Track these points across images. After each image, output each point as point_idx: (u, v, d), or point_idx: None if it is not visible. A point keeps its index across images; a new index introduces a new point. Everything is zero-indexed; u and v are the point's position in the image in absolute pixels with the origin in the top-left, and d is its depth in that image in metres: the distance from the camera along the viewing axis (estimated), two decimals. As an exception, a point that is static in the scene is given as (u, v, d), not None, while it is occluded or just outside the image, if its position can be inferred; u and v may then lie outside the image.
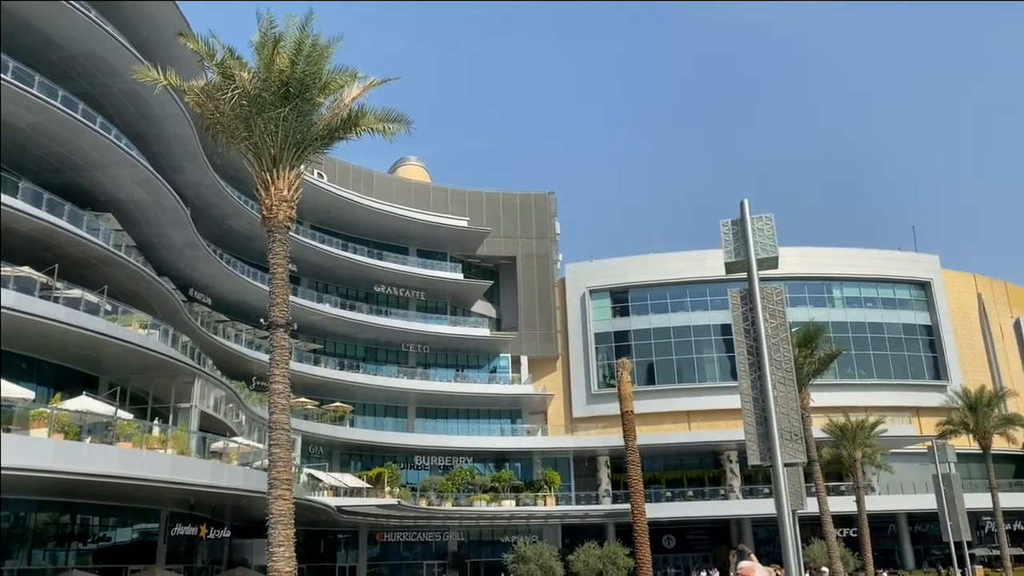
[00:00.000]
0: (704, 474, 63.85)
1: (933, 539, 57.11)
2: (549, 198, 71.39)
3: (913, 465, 57.53)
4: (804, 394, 38.45)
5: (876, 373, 66.67)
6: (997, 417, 52.93)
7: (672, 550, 61.12)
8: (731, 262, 10.73)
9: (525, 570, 40.72)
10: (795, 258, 65.95)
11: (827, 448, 48.11)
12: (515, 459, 64.17)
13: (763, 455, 9.71)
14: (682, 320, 67.58)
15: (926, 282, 70.66)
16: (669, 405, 64.25)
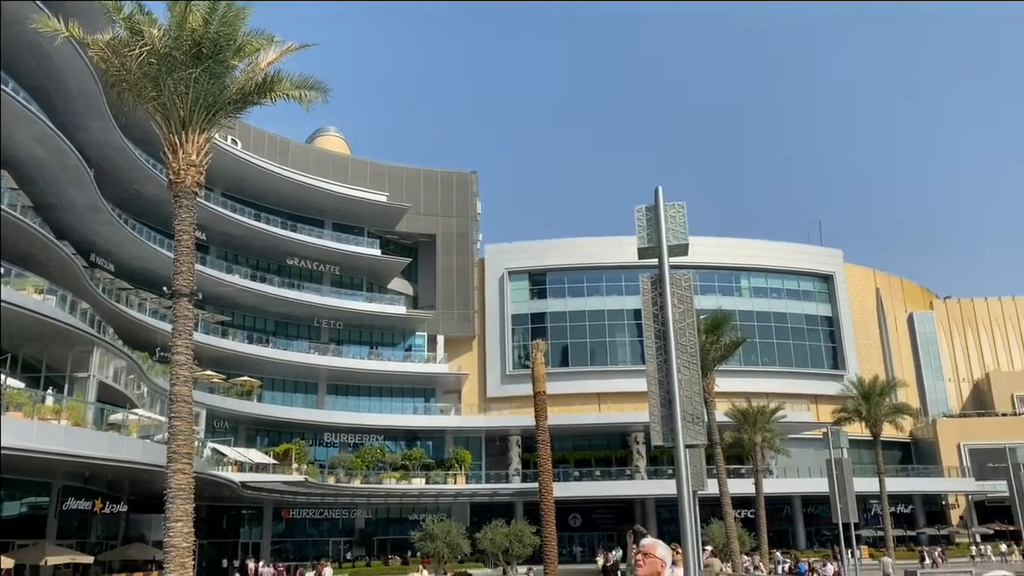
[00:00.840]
0: (612, 455, 65.28)
1: (824, 520, 59.97)
2: (471, 177, 71.11)
3: (809, 450, 60.20)
4: (709, 379, 39.59)
5: (779, 361, 69.30)
6: (888, 406, 55.85)
7: (578, 528, 62.35)
8: (644, 248, 10.91)
9: (432, 547, 40.81)
10: (707, 248, 67.79)
11: (729, 432, 49.76)
12: (427, 438, 64.13)
13: (666, 436, 9.95)
14: (597, 304, 68.61)
15: (829, 275, 73.71)
16: (581, 387, 65.30)
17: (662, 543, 5.20)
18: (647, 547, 5.06)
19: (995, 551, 57.19)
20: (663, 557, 5.06)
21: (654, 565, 5.00)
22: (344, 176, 65.07)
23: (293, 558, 53.97)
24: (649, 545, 5.07)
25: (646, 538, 5.27)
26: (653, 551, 5.03)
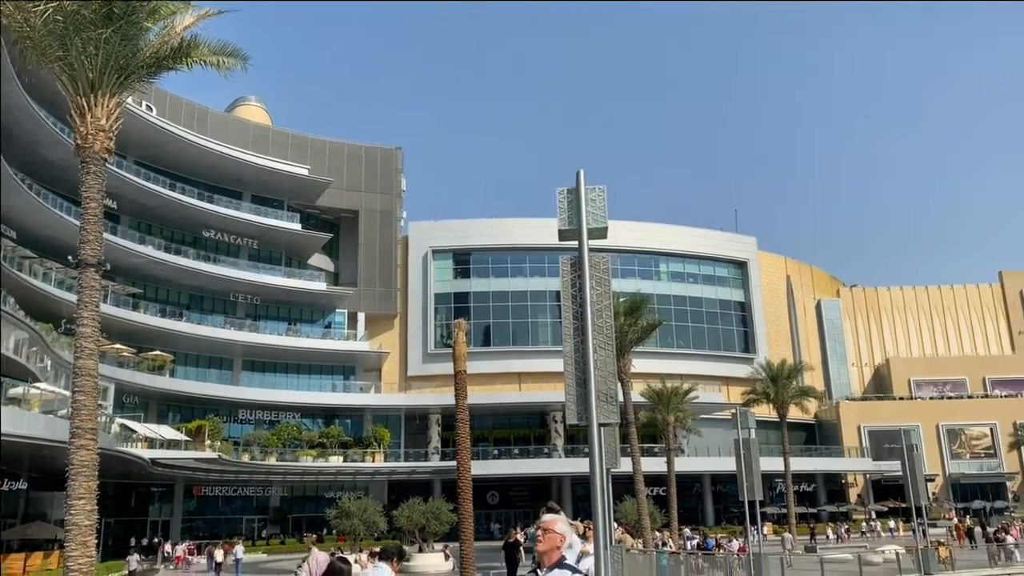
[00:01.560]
0: (531, 433, 66.07)
1: (732, 498, 62.25)
2: (396, 153, 70.27)
3: (719, 430, 62.17)
4: (626, 360, 40.45)
5: (693, 344, 71.23)
6: (794, 389, 58.23)
7: (496, 506, 62.99)
8: (564, 230, 11.08)
9: (348, 525, 40.57)
10: (629, 232, 68.93)
11: (644, 412, 51.00)
12: (346, 416, 63.54)
13: (580, 415, 10.16)
14: (521, 285, 69.03)
15: (743, 262, 76.01)
16: (503, 366, 65.72)
17: (562, 519, 5.26)
18: (547, 523, 5.11)
19: (883, 527, 60.44)
20: (562, 532, 5.09)
21: (553, 540, 5.04)
22: (264, 147, 63.39)
23: (204, 536, 52.87)
24: (549, 521, 5.12)
25: (547, 514, 5.35)
26: (552, 527, 5.09)
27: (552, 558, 4.99)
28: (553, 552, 5.01)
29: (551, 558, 5.00)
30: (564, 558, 5.06)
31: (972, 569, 34.18)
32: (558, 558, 5.01)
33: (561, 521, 5.17)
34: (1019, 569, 35.24)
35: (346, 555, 20.17)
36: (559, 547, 5.04)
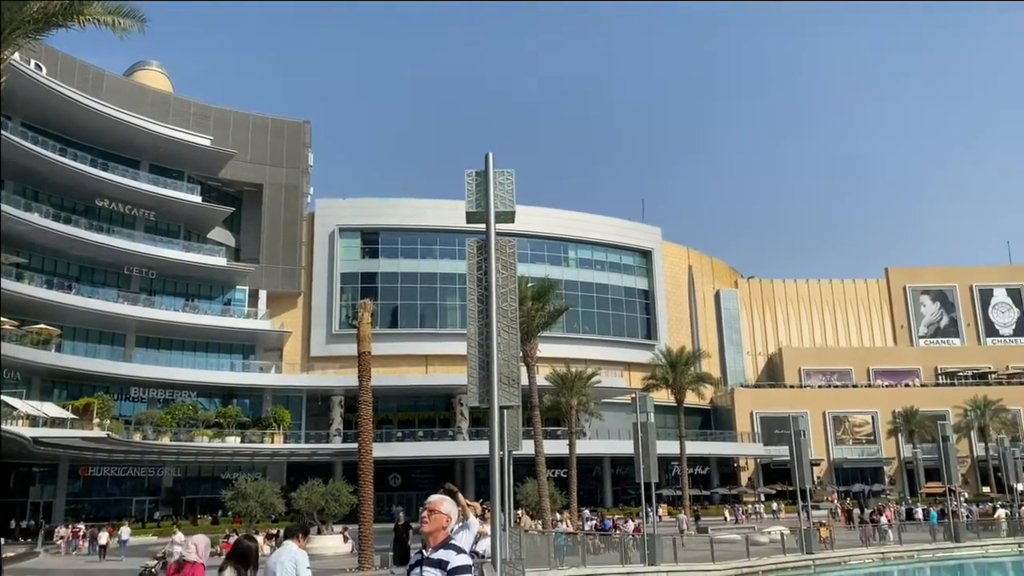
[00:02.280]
0: (436, 416, 66.01)
1: (630, 480, 63.87)
2: (304, 127, 68.51)
3: (620, 414, 63.64)
4: (533, 344, 40.87)
5: (598, 330, 72.56)
6: (692, 375, 60.14)
7: (398, 488, 62.73)
8: (472, 212, 11.05)
9: (244, 507, 39.63)
10: (540, 218, 69.48)
11: (549, 395, 51.71)
12: (244, 395, 61.87)
13: (482, 397, 10.20)
14: (430, 267, 68.64)
15: (648, 251, 77.84)
16: (410, 349, 65.32)
17: (448, 499, 5.25)
18: (432, 504, 5.09)
19: (767, 509, 63.35)
20: (448, 512, 5.09)
21: (439, 521, 5.03)
22: (164, 115, 60.65)
23: (90, 518, 50.62)
24: (435, 501, 5.11)
25: (433, 495, 5.32)
26: (438, 507, 5.07)
27: (438, 538, 4.99)
28: (439, 532, 5.01)
29: (437, 538, 5.00)
30: (450, 538, 5.07)
31: (849, 548, 36.23)
32: (444, 538, 5.01)
33: (447, 501, 5.16)
34: (892, 548, 37.57)
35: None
36: (445, 528, 5.05)
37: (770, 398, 78.58)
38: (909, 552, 37.60)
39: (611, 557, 29.65)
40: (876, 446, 78.08)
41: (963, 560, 38.05)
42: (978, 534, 41.05)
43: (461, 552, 4.92)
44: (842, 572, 34.16)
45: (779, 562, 32.65)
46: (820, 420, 77.06)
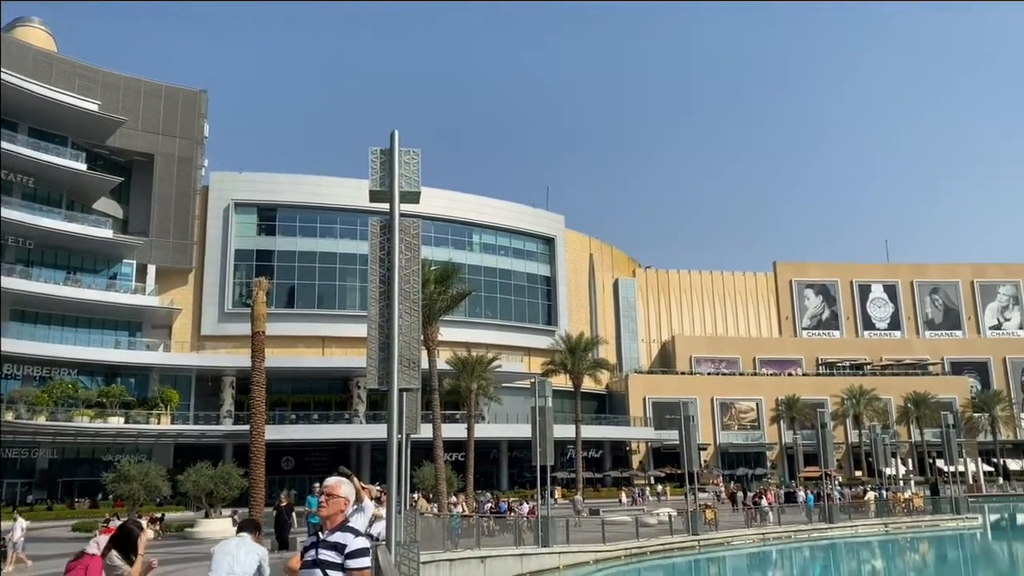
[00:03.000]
0: (332, 399, 64.97)
1: (526, 463, 64.58)
2: (200, 96, 65.67)
3: (519, 398, 64.27)
4: (434, 328, 40.65)
5: (500, 315, 72.95)
6: (589, 361, 61.30)
7: (291, 471, 61.44)
8: (375, 191, 10.83)
9: (127, 490, 37.88)
10: (444, 201, 69.10)
11: (449, 379, 51.68)
12: (130, 374, 59.19)
13: (381, 380, 10.06)
14: (330, 246, 67.24)
15: (551, 238, 78.71)
16: (306, 329, 63.93)
17: (346, 481, 5.17)
18: (330, 487, 5.00)
19: (652, 491, 65.39)
20: (347, 496, 5.02)
21: (337, 505, 4.96)
22: (47, 76, 56.91)
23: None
24: (332, 485, 5.02)
25: (330, 478, 5.22)
26: (336, 491, 4.99)
27: (335, 521, 4.92)
28: (337, 516, 4.94)
29: (335, 520, 4.93)
30: (347, 520, 5.00)
31: (733, 529, 37.87)
32: (341, 521, 4.95)
33: (345, 484, 5.07)
34: (772, 529, 39.48)
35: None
36: (343, 511, 4.98)
37: (662, 384, 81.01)
38: (787, 533, 39.62)
39: (506, 539, 29.99)
40: (760, 432, 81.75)
41: (835, 540, 40.40)
42: (850, 515, 43.66)
43: (359, 535, 4.86)
44: (725, 552, 35.66)
45: (666, 542, 33.81)
46: (708, 406, 80.00)
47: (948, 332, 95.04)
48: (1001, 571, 35.48)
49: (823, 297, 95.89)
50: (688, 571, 32.64)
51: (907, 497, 49.25)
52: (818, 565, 37.14)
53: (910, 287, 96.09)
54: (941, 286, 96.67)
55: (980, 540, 44.63)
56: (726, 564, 34.48)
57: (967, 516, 46.53)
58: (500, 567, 26.64)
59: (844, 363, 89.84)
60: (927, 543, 42.00)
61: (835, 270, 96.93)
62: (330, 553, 4.78)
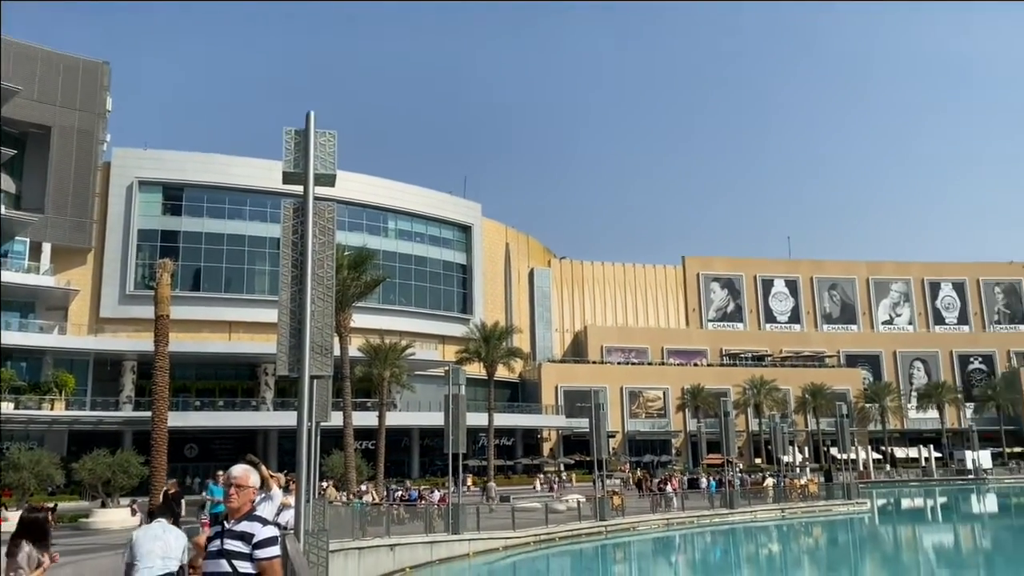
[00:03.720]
0: (239, 385, 63.32)
1: (438, 451, 64.51)
2: (102, 68, 62.59)
3: (432, 386, 64.10)
4: (347, 314, 40.14)
5: (414, 302, 72.49)
6: (504, 350, 61.65)
7: (194, 459, 59.68)
8: (289, 172, 10.58)
9: (16, 478, 36.02)
10: (360, 185, 68.03)
11: (361, 366, 51.09)
12: (21, 358, 56.01)
13: (292, 366, 9.86)
14: (239, 228, 65.34)
15: (468, 226, 78.60)
16: (213, 314, 62.05)
17: (254, 470, 5.09)
18: (239, 478, 4.90)
19: (543, 480, 66.13)
20: (255, 485, 4.95)
21: (247, 495, 4.89)
22: (-69, 38, 53.12)
23: None
24: (241, 476, 4.92)
25: (236, 467, 5.11)
26: (245, 482, 4.90)
27: (244, 509, 4.85)
28: (246, 506, 4.87)
29: (242, 510, 4.85)
30: (254, 509, 4.92)
31: (639, 515, 38.88)
32: (248, 510, 4.87)
33: (253, 474, 4.99)
34: (676, 515, 40.71)
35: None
36: (251, 501, 4.91)
37: (574, 373, 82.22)
38: (691, 518, 40.95)
39: (416, 527, 29.97)
40: (666, 420, 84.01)
41: (736, 525, 41.98)
42: (749, 501, 45.45)
43: (267, 524, 4.79)
44: (631, 537, 36.57)
45: (575, 528, 34.45)
46: (618, 394, 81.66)
47: (844, 326, 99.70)
48: (885, 553, 37.61)
49: (728, 291, 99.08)
50: (595, 556, 33.35)
51: (803, 483, 51.59)
52: (719, 549, 38.53)
53: (810, 282, 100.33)
54: (839, 282, 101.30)
55: (868, 524, 47.19)
56: (631, 549, 35.38)
57: (857, 501, 49.12)
58: (409, 555, 26.63)
59: (747, 354, 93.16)
60: (820, 527, 44.13)
61: (740, 265, 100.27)
62: (236, 543, 4.70)
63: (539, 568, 30.53)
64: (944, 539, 43.56)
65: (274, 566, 4.70)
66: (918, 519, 55.46)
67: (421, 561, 26.97)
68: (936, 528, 50.12)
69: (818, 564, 33.91)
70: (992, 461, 79.68)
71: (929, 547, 39.85)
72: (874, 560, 34.96)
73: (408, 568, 26.01)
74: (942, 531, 47.97)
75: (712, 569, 32.74)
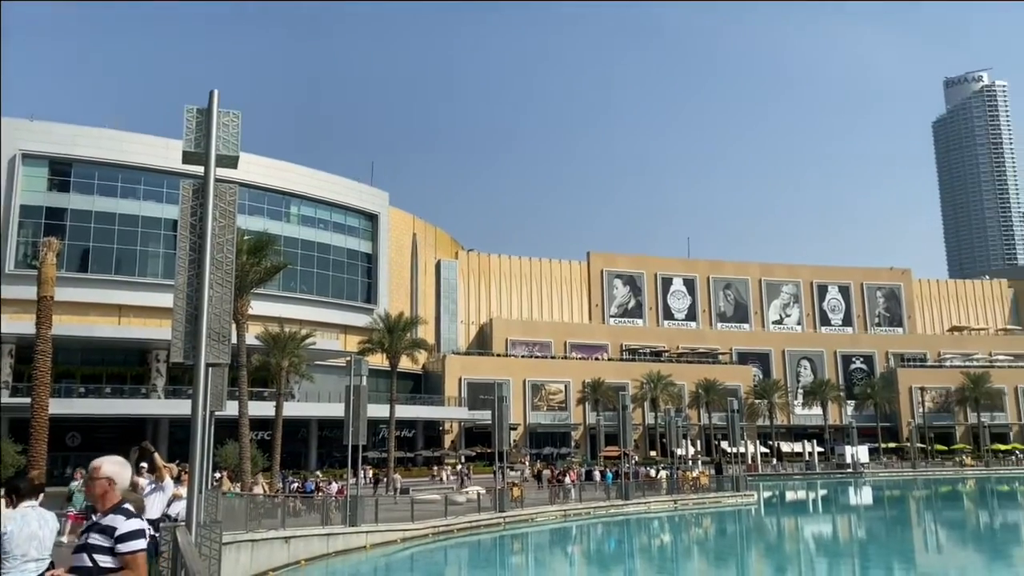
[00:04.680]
0: (128, 371, 60.63)
1: (337, 443, 63.64)
2: (-16, 32, 58.53)
3: (333, 377, 63.07)
4: (244, 301, 39.01)
5: (316, 290, 71.08)
6: (408, 341, 61.17)
7: (77, 448, 56.75)
8: (190, 152, 10.20)
9: None
10: (261, 167, 66.15)
11: (258, 355, 49.74)
12: None
13: (187, 353, 9.52)
14: (132, 208, 62.49)
15: (374, 214, 77.59)
16: (102, 296, 59.21)
17: (112, 459, 4.88)
18: (93, 468, 4.70)
19: (452, 471, 66.30)
20: (109, 474, 4.73)
21: (100, 487, 4.70)
22: None
23: None
24: (95, 467, 4.71)
25: (98, 459, 4.90)
26: (97, 473, 4.70)
27: (107, 502, 4.67)
28: (106, 496, 4.68)
29: (105, 502, 4.68)
30: (123, 502, 4.74)
31: (537, 506, 39.41)
32: (116, 502, 4.69)
33: (108, 463, 4.77)
34: (573, 506, 41.45)
35: None
36: (108, 491, 4.71)
37: (479, 365, 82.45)
38: (587, 509, 41.78)
39: (313, 519, 29.46)
40: (567, 413, 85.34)
41: (630, 516, 43.11)
42: (643, 493, 46.74)
43: (131, 516, 4.61)
44: (529, 528, 37.05)
45: (474, 520, 34.63)
46: (521, 387, 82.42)
47: (737, 325, 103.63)
48: (769, 542, 39.39)
49: (630, 287, 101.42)
50: (492, 547, 33.61)
51: (695, 476, 53.42)
52: (613, 540, 39.48)
53: (707, 282, 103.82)
54: (733, 282, 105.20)
55: (754, 515, 49.28)
56: (528, 540, 35.84)
57: (745, 493, 51.22)
58: (305, 547, 26.18)
59: (645, 350, 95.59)
60: (710, 518, 45.80)
61: (642, 262, 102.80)
62: (99, 537, 4.54)
63: (436, 560, 30.54)
64: (823, 529, 45.95)
65: (137, 560, 4.53)
66: (800, 510, 58.30)
67: (317, 553, 26.56)
68: (816, 519, 52.81)
69: (706, 553, 35.21)
70: (869, 456, 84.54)
71: (809, 536, 41.99)
72: (758, 549, 36.56)
73: (303, 561, 25.57)
74: (821, 522, 50.57)
75: (606, 559, 33.53)
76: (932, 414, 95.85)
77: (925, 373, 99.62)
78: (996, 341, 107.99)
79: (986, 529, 44.38)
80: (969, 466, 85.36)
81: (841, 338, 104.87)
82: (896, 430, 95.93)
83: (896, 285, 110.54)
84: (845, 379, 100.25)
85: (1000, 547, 36.68)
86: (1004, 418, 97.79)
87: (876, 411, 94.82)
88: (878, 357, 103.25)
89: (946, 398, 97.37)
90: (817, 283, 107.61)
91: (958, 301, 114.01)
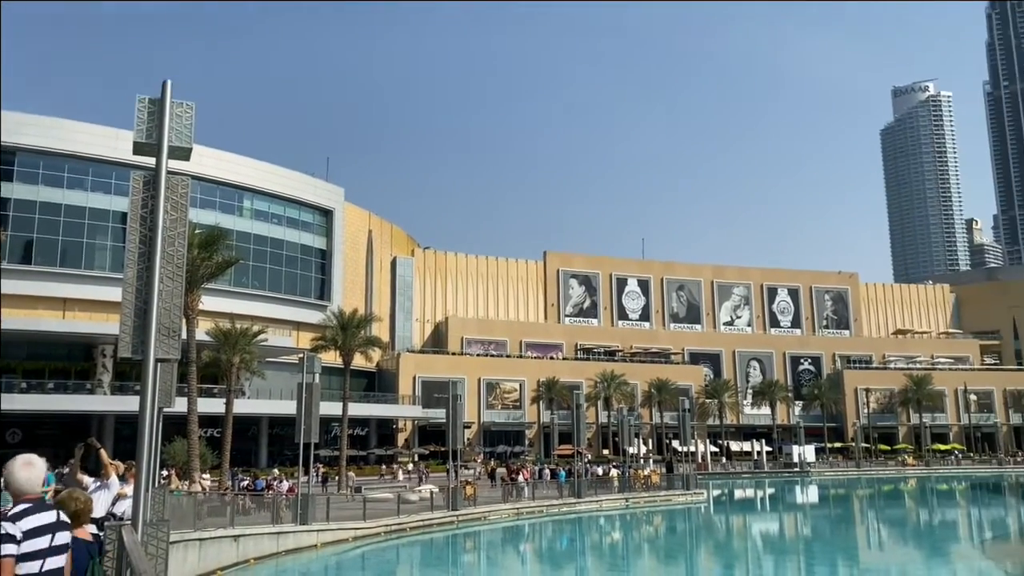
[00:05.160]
0: (73, 367, 59.08)
1: (288, 440, 62.84)
2: (-76, 13, 56.52)
3: (285, 374, 62.30)
4: (195, 296, 38.35)
5: (269, 286, 70.12)
6: (362, 338, 60.64)
7: (17, 445, 55.11)
8: (141, 143, 10.01)
9: None
10: (214, 160, 65.03)
11: (208, 351, 48.90)
12: None
13: (136, 348, 9.34)
14: (79, 199, 60.92)
15: (329, 210, 76.80)
16: (46, 289, 57.60)
17: (29, 460, 4.74)
18: (9, 474, 4.56)
19: (403, 469, 66.02)
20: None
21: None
22: None
23: None
24: (17, 470, 4.57)
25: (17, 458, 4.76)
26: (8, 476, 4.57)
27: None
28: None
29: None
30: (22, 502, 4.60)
31: (490, 505, 39.45)
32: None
33: (18, 461, 4.64)
34: (526, 504, 41.58)
35: None
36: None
37: (433, 363, 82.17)
38: (540, 507, 41.96)
39: (263, 517, 29.07)
40: (521, 411, 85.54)
41: (582, 514, 43.42)
42: (596, 491, 47.08)
43: (3, 520, 4.47)
44: (482, 527, 37.07)
45: (427, 518, 34.55)
46: (476, 385, 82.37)
47: (689, 325, 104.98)
48: (718, 539, 40.03)
49: (586, 287, 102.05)
50: (444, 546, 33.56)
51: (646, 474, 53.99)
52: (565, 537, 39.71)
53: (660, 283, 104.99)
54: (686, 284, 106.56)
55: (704, 513, 50.00)
56: (481, 538, 35.86)
57: (695, 491, 51.94)
58: (255, 546, 25.85)
59: (600, 349, 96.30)
60: (661, 515, 46.37)
61: (597, 263, 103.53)
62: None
63: (388, 558, 30.39)
64: (770, 527, 46.86)
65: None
66: (748, 509, 59.33)
67: (267, 552, 26.24)
68: (763, 517, 53.81)
69: (657, 551, 35.65)
70: (815, 455, 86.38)
71: (756, 534, 42.77)
72: (707, 546, 37.13)
73: (252, 560, 25.23)
74: (768, 520, 51.57)
75: (557, 557, 33.71)
76: (876, 415, 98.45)
77: (870, 375, 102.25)
78: (938, 344, 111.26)
79: (925, 526, 45.74)
80: (911, 465, 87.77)
81: (790, 340, 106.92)
82: (842, 430, 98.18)
83: (843, 289, 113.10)
84: (793, 380, 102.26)
85: (938, 544, 37.86)
86: (944, 419, 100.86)
87: (823, 411, 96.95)
88: (825, 359, 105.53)
89: (890, 399, 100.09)
90: (767, 286, 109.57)
91: (902, 305, 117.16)
